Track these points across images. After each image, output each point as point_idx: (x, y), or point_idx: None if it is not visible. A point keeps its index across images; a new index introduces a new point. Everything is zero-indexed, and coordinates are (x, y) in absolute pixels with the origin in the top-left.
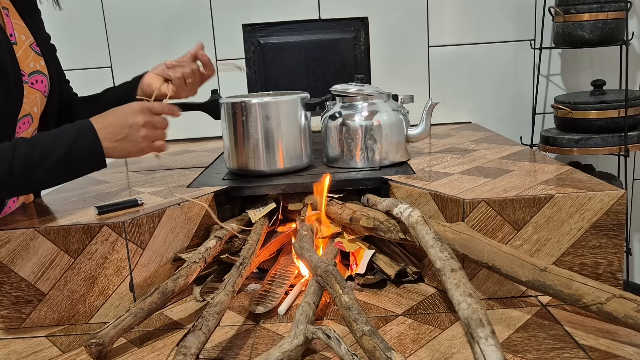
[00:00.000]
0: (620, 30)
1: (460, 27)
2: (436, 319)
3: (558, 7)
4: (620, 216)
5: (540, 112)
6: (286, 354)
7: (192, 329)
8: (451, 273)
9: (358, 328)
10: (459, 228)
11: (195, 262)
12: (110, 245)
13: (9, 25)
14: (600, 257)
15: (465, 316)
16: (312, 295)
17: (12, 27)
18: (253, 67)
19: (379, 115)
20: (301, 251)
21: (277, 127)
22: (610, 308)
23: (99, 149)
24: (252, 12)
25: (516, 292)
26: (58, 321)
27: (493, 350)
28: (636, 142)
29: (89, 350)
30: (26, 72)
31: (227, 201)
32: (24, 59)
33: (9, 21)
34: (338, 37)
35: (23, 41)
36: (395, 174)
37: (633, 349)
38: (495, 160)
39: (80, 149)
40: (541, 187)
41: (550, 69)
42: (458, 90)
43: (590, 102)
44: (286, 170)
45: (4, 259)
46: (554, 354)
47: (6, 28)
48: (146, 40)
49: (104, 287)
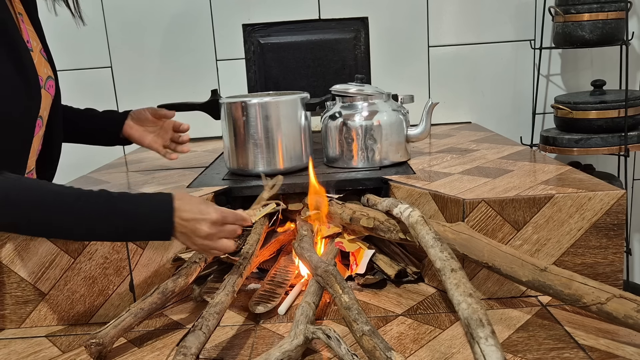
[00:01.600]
0: (620, 30)
1: (460, 27)
2: (436, 319)
3: (558, 7)
4: (620, 216)
5: (540, 112)
6: (286, 354)
7: (192, 329)
8: (451, 273)
9: (358, 328)
10: (459, 228)
11: (195, 262)
12: (110, 245)
13: (25, 31)
14: (600, 257)
15: (465, 316)
16: (312, 295)
17: (27, 33)
18: (253, 67)
19: (379, 115)
20: (301, 251)
21: (277, 127)
22: (610, 308)
23: (169, 228)
24: (252, 12)
25: (516, 292)
26: (58, 321)
27: (493, 350)
28: (636, 142)
29: (89, 350)
30: (43, 78)
31: (227, 201)
32: (38, 65)
33: (25, 27)
34: (338, 37)
35: (35, 47)
36: (395, 174)
37: (633, 349)
38: (495, 160)
39: (148, 223)
40: (541, 187)
41: (550, 69)
42: (458, 90)
43: (590, 102)
44: (286, 170)
45: (4, 259)
46: (554, 354)
47: (22, 34)
48: (146, 40)
49: (104, 287)
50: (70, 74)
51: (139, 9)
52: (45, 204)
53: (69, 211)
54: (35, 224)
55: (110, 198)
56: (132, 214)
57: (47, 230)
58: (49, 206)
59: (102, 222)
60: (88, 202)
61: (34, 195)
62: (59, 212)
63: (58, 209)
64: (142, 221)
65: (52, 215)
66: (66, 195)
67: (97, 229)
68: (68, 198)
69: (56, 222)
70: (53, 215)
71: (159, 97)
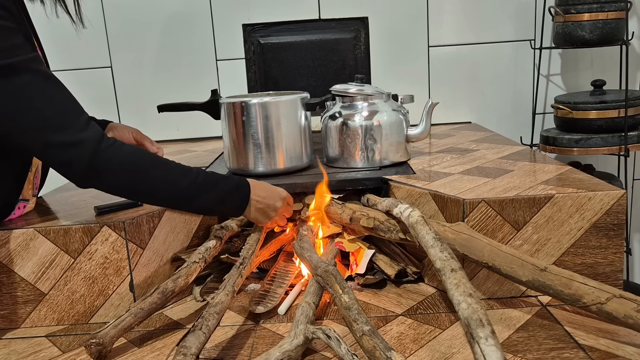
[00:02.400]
0: (620, 30)
1: (460, 27)
2: (436, 319)
3: (558, 7)
4: (620, 216)
5: (540, 112)
6: (286, 354)
7: (192, 329)
8: (451, 273)
9: (358, 328)
10: (459, 228)
11: (195, 262)
12: (110, 245)
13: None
14: (600, 257)
15: (465, 316)
16: (312, 295)
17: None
18: (253, 67)
19: (379, 115)
20: (301, 251)
21: (277, 127)
22: (610, 308)
23: (244, 205)
24: (252, 12)
25: (516, 292)
26: (58, 321)
27: (493, 350)
28: (636, 142)
29: (89, 350)
30: None
31: None
32: None
33: None
34: (338, 37)
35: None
36: (395, 174)
37: (633, 349)
38: (495, 160)
39: (233, 198)
40: (541, 187)
41: (550, 69)
42: (458, 90)
43: (590, 102)
44: (286, 171)
45: (4, 259)
46: (554, 354)
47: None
48: (146, 40)
49: (104, 287)
50: (70, 74)
51: (139, 9)
52: (175, 175)
53: (193, 182)
54: (164, 190)
55: (212, 175)
56: (224, 183)
57: (171, 197)
58: (180, 177)
59: (210, 194)
60: (206, 175)
61: (163, 166)
62: (184, 182)
63: (184, 178)
64: (227, 185)
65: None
66: (185, 168)
67: (209, 200)
68: (189, 170)
69: (180, 191)
70: (181, 183)
71: (159, 97)
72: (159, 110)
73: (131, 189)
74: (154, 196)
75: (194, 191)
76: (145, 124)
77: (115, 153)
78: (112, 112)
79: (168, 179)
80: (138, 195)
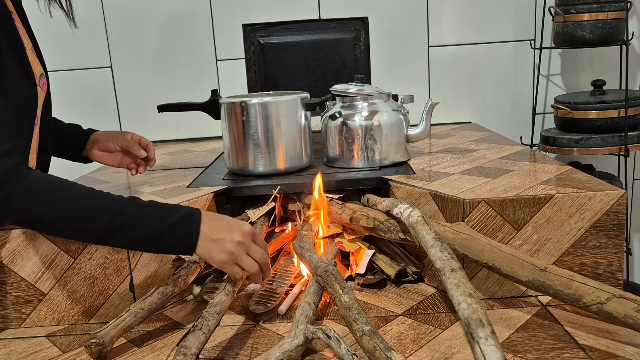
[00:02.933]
0: (620, 30)
1: (460, 27)
2: (436, 319)
3: (558, 7)
4: (620, 216)
5: (540, 112)
6: (286, 354)
7: (192, 329)
8: (451, 273)
9: (358, 328)
10: (459, 228)
11: (195, 262)
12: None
13: (17, 29)
14: (600, 257)
15: (465, 316)
16: (312, 295)
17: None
18: (253, 67)
19: (379, 115)
20: (301, 251)
21: (277, 127)
22: (610, 308)
23: (194, 236)
24: (252, 12)
25: (516, 292)
26: (58, 321)
27: (493, 350)
28: (636, 142)
29: (89, 350)
30: (37, 75)
31: (227, 201)
32: (32, 63)
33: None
34: (338, 37)
35: (27, 45)
36: (395, 174)
37: (633, 349)
38: (495, 160)
39: (176, 229)
40: (541, 187)
41: (550, 69)
42: (458, 90)
43: (590, 102)
44: (286, 171)
45: (4, 259)
46: (554, 354)
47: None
48: (146, 40)
49: (104, 287)
50: (70, 74)
51: (138, 9)
52: (78, 205)
53: (102, 211)
54: (61, 221)
55: (141, 204)
56: (161, 219)
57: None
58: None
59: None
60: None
61: (65, 194)
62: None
63: (96, 208)
64: (169, 229)
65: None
66: (96, 196)
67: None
68: (101, 199)
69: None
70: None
71: (159, 97)
72: (159, 110)
73: (36, 220)
74: (57, 227)
75: (115, 223)
76: (145, 124)
77: (16, 186)
78: (112, 112)
79: (73, 208)
80: (45, 228)
